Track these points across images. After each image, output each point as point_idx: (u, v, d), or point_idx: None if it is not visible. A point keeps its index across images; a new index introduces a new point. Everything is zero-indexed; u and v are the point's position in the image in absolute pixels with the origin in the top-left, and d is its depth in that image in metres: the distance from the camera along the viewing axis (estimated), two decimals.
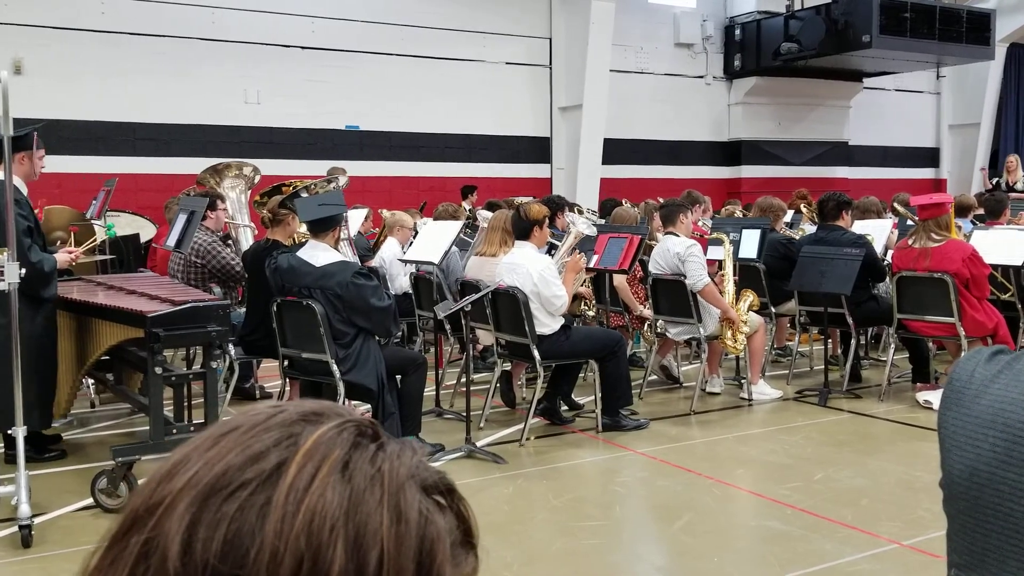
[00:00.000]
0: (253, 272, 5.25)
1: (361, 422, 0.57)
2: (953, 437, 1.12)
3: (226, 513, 0.50)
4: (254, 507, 0.51)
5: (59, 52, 9.52)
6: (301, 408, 0.57)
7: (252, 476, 0.52)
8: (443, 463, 4.57)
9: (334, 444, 0.54)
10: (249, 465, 0.52)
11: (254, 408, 0.58)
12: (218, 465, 0.52)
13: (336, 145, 11.00)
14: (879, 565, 3.34)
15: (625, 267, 5.79)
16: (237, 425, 0.55)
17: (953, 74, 15.60)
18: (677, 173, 13.02)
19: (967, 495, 1.09)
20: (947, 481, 1.13)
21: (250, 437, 0.54)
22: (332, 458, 0.53)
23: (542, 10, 12.29)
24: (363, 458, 0.54)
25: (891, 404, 5.77)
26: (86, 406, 5.75)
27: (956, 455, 1.11)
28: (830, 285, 5.68)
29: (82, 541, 3.59)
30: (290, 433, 0.54)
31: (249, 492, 0.51)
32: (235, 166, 6.65)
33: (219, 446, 0.54)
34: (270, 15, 10.54)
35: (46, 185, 7.17)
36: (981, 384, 1.12)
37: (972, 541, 1.09)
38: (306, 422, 0.55)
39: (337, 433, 0.54)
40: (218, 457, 0.53)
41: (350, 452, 0.54)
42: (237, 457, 0.53)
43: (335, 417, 0.56)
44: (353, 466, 0.53)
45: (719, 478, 4.38)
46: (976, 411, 1.10)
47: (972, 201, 7.89)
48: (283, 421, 0.55)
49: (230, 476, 0.52)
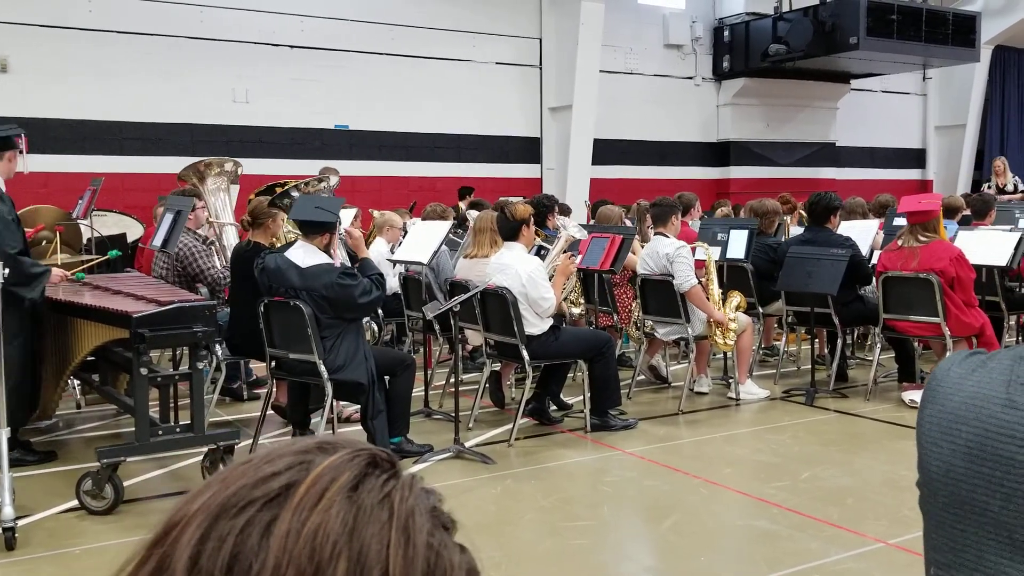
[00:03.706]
0: (236, 274, 5.24)
1: (377, 453, 0.58)
2: (929, 434, 1.14)
3: (233, 528, 0.52)
4: (260, 523, 0.52)
5: (46, 50, 9.46)
6: (319, 439, 0.59)
7: (260, 495, 0.53)
8: (431, 464, 4.57)
9: (344, 468, 0.55)
10: (260, 485, 0.54)
11: (277, 441, 0.60)
12: (231, 487, 0.54)
13: (325, 145, 10.98)
14: (865, 564, 3.35)
15: (607, 267, 5.79)
16: (257, 456, 0.58)
17: (939, 76, 15.70)
18: (666, 174, 13.05)
19: (944, 491, 1.10)
20: (925, 478, 1.14)
21: (265, 463, 0.56)
22: (341, 480, 0.54)
23: (532, 11, 12.30)
24: (374, 483, 0.55)
25: (877, 403, 5.80)
26: (71, 407, 5.72)
27: (933, 452, 1.12)
28: (817, 285, 5.71)
29: (66, 543, 3.56)
30: (303, 460, 0.56)
31: (256, 509, 0.52)
32: (216, 163, 6.61)
33: (235, 471, 0.56)
34: (259, 14, 10.50)
35: (32, 184, 7.13)
36: (956, 381, 1.13)
37: (950, 537, 1.10)
38: (321, 451, 0.57)
39: (350, 459, 0.56)
40: (232, 480, 0.55)
41: (361, 476, 0.55)
42: (249, 479, 0.55)
43: (350, 447, 0.58)
44: (362, 489, 0.54)
45: (707, 478, 4.40)
46: (950, 407, 1.11)
47: (960, 203, 7.94)
48: (299, 449, 0.57)
49: (240, 495, 0.54)
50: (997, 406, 1.06)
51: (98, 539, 3.58)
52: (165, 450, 4.14)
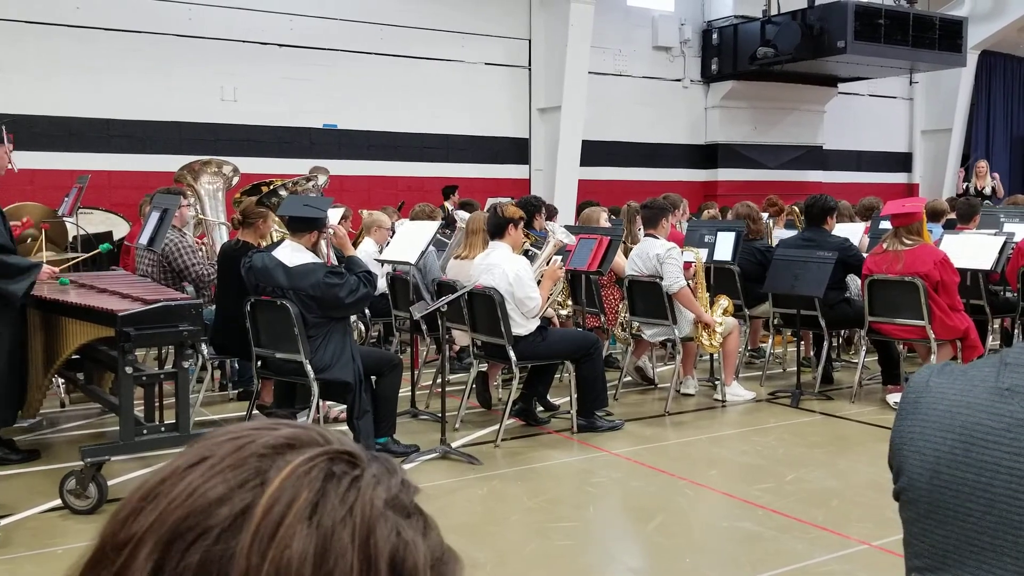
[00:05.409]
0: (223, 273, 5.22)
1: (336, 451, 0.54)
2: (912, 443, 1.15)
3: (189, 565, 0.49)
4: (218, 560, 0.49)
5: (33, 47, 9.40)
6: (274, 436, 0.54)
7: (215, 523, 0.50)
8: (418, 464, 4.56)
9: (302, 484, 0.51)
10: (214, 509, 0.50)
11: (226, 431, 0.56)
12: (183, 506, 0.51)
13: (314, 144, 10.95)
14: (849, 566, 3.37)
15: (594, 268, 5.80)
16: (206, 455, 0.53)
17: (926, 80, 15.82)
18: (654, 175, 13.08)
19: (928, 498, 1.11)
20: (908, 486, 1.15)
21: (216, 473, 0.52)
22: (299, 503, 0.51)
23: (521, 11, 12.30)
24: (333, 498, 0.51)
25: (862, 406, 5.83)
26: (56, 406, 5.68)
27: (916, 460, 1.13)
28: (803, 288, 5.74)
29: (49, 543, 3.54)
30: (258, 469, 0.52)
31: (211, 541, 0.49)
32: (215, 163, 6.60)
33: (186, 481, 0.52)
34: (248, 12, 10.46)
35: (18, 181, 7.08)
36: (938, 391, 1.14)
37: (932, 543, 1.11)
38: (277, 454, 0.53)
39: (307, 470, 0.52)
40: (183, 495, 0.51)
41: (319, 493, 0.51)
42: (201, 499, 0.51)
43: (307, 447, 0.54)
44: (322, 509, 0.51)
45: (692, 479, 4.41)
46: (934, 416, 1.13)
47: (944, 206, 8.00)
48: (252, 453, 0.53)
49: (192, 520, 0.50)
50: (982, 413, 1.07)
51: (81, 539, 3.55)
52: (150, 449, 4.12)
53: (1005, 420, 1.05)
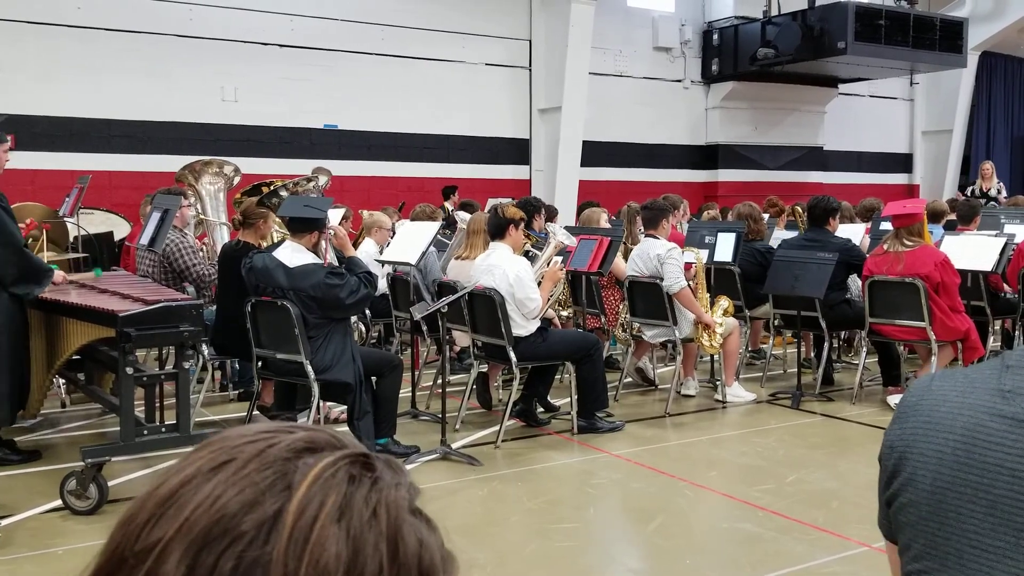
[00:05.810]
0: (223, 273, 5.22)
1: (353, 454, 0.55)
2: (914, 445, 1.15)
3: (222, 571, 0.49)
4: (252, 564, 0.49)
5: (33, 47, 9.40)
6: (292, 439, 0.55)
7: (248, 527, 0.50)
8: (418, 465, 4.56)
9: (329, 488, 0.52)
10: (244, 514, 0.51)
11: (240, 434, 0.56)
12: (212, 510, 0.51)
13: (314, 144, 10.95)
14: (849, 568, 3.37)
15: (594, 269, 5.80)
16: (230, 459, 0.53)
17: (926, 81, 15.82)
18: (655, 176, 13.09)
19: (930, 500, 1.11)
20: (909, 487, 1.15)
21: (243, 476, 0.52)
22: (328, 506, 0.52)
23: (522, 12, 12.31)
24: (359, 499, 0.53)
25: (863, 407, 5.83)
26: (56, 406, 5.68)
27: (919, 461, 1.13)
28: (803, 288, 5.74)
29: (50, 543, 3.54)
30: (284, 471, 0.53)
31: (245, 545, 0.49)
32: (216, 164, 6.61)
33: (212, 483, 0.52)
34: (248, 13, 10.47)
35: (19, 181, 7.09)
36: (939, 393, 1.15)
37: (933, 546, 1.11)
38: (298, 458, 0.54)
39: (332, 473, 0.53)
40: (210, 500, 0.51)
41: (346, 495, 0.53)
42: (232, 502, 0.51)
43: (326, 451, 0.55)
44: (350, 511, 0.52)
45: (693, 480, 4.41)
46: (937, 418, 1.13)
47: (945, 207, 8.00)
48: (276, 457, 0.53)
49: (223, 525, 0.50)
50: (985, 415, 1.07)
51: (81, 539, 3.56)
52: (150, 450, 4.12)
53: (1007, 422, 1.05)
